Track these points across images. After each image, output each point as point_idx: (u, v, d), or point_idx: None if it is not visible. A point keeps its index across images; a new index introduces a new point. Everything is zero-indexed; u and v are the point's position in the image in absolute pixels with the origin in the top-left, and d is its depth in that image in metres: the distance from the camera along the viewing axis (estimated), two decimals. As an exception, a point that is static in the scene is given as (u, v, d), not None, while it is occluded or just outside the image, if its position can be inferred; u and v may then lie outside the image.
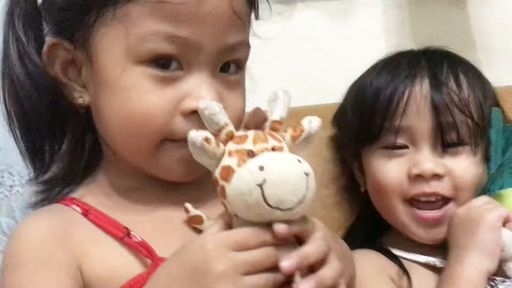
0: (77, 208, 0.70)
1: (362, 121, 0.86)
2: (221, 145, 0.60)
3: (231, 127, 0.61)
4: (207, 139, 0.59)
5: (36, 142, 0.74)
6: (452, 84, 0.83)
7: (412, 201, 0.82)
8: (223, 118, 0.60)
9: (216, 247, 0.58)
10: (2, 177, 0.87)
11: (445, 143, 0.81)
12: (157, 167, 0.69)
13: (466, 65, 0.88)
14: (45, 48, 0.70)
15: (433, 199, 0.81)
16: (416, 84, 0.83)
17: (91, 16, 0.67)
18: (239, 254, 0.57)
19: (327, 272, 0.60)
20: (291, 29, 1.23)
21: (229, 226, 0.61)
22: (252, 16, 0.76)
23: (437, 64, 0.85)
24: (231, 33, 0.68)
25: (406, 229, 0.84)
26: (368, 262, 0.82)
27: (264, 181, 0.57)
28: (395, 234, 0.87)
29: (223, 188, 0.59)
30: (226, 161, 0.59)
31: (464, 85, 0.83)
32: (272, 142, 0.61)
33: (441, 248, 0.83)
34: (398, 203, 0.83)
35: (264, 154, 0.59)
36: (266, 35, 0.92)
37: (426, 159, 0.80)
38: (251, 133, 0.61)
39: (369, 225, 0.90)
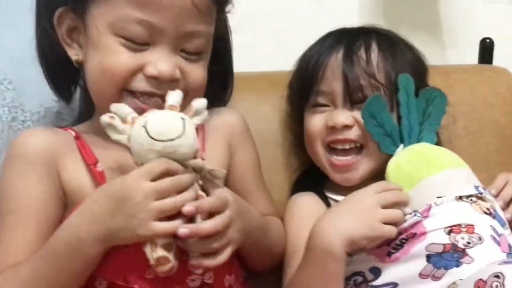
0: (72, 132, 0.91)
1: (299, 86, 1.04)
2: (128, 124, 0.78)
3: (134, 114, 0.79)
4: (112, 117, 0.78)
5: (59, 84, 0.97)
6: (361, 53, 0.97)
7: (331, 148, 0.99)
8: (127, 110, 0.79)
9: (133, 180, 0.76)
10: (16, 113, 1.02)
11: (353, 101, 0.97)
12: None
13: (385, 39, 1.01)
14: (56, 15, 0.90)
15: (347, 146, 0.98)
16: (333, 54, 0.99)
17: None
18: (150, 183, 0.75)
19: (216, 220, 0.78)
20: (271, 3, 1.37)
21: None
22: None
23: (354, 37, 1.00)
24: (189, 23, 0.86)
25: (328, 174, 1.01)
26: (303, 204, 1.00)
27: (146, 122, 0.76)
28: (331, 180, 1.03)
29: (129, 148, 0.78)
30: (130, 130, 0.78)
31: (374, 54, 0.97)
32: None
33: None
34: (320, 148, 1.00)
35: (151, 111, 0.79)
36: (246, 10, 1.07)
37: (335, 115, 0.97)
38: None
39: (316, 173, 1.06)
